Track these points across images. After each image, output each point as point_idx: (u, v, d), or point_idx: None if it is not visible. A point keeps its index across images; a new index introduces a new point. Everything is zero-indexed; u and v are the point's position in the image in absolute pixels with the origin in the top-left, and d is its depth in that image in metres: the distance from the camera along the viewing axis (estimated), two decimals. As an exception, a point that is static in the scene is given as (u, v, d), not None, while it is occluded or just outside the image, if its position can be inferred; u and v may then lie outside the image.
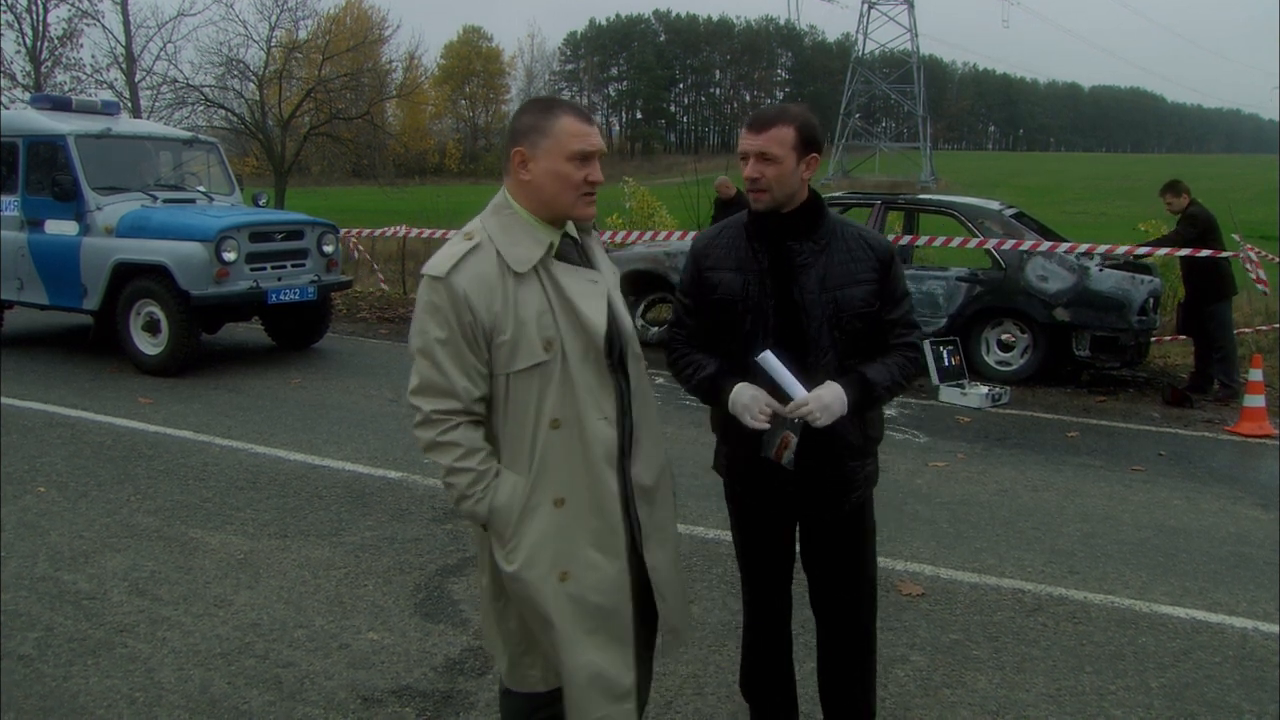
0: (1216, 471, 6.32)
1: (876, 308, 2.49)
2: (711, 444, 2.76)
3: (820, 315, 2.45)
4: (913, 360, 2.55)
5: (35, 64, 23.34)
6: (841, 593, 2.68)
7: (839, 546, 2.65)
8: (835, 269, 2.47)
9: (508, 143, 2.15)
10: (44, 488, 5.31)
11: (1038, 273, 8.45)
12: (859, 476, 2.58)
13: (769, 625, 2.79)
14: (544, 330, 2.09)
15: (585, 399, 2.12)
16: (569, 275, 2.14)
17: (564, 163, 2.09)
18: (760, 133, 2.43)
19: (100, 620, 3.79)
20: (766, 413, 2.40)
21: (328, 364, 9.05)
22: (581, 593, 2.13)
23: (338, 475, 5.68)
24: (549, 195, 2.11)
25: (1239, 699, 3.40)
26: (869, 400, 2.47)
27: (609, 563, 2.15)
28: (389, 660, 3.53)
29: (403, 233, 13.01)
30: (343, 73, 27.36)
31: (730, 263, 2.53)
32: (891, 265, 2.52)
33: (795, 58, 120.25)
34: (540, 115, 2.12)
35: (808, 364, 2.43)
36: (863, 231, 2.55)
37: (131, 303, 8.31)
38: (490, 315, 2.07)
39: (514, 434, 2.13)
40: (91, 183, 8.56)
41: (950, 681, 3.47)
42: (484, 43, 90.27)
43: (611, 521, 2.15)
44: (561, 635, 2.13)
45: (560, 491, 2.13)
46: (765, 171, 2.42)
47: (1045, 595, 4.24)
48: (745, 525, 2.73)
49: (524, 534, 2.12)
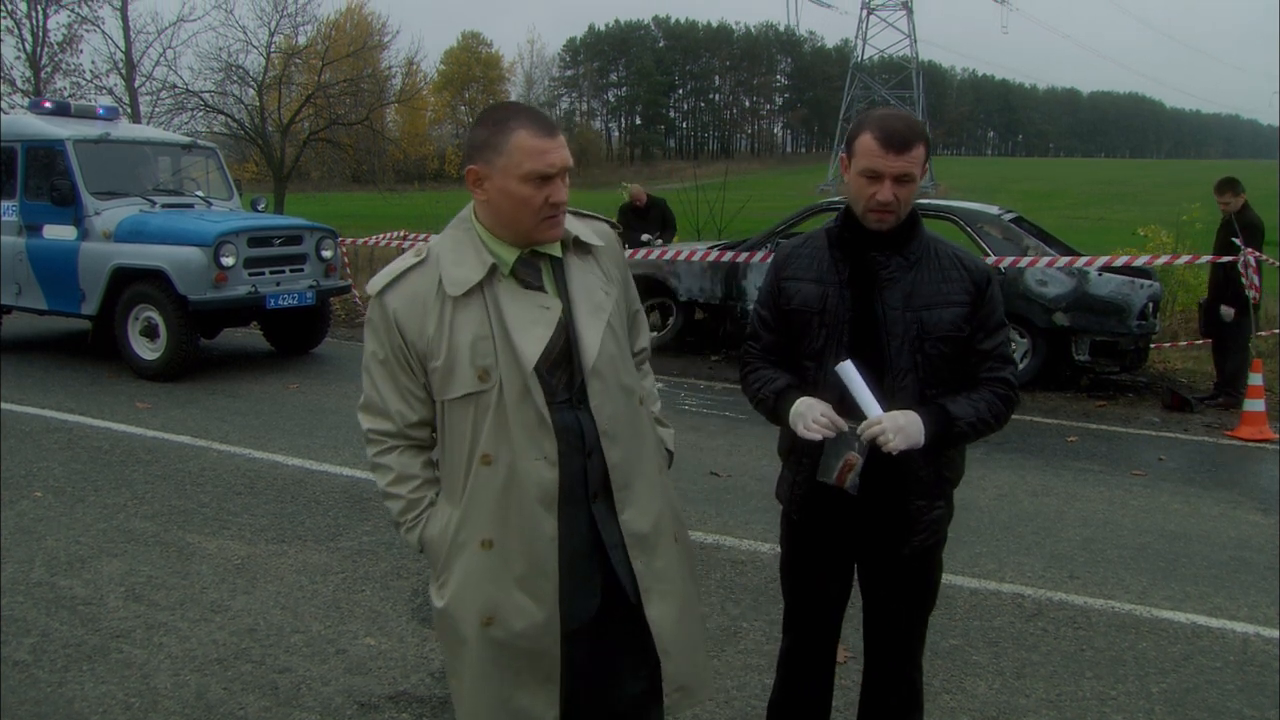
0: (1217, 476, 6.31)
1: (966, 334, 2.28)
2: (706, 447, 2.74)
3: (902, 334, 2.25)
4: (1004, 399, 2.31)
5: (35, 69, 23.38)
6: (891, 642, 2.50)
7: (896, 593, 2.45)
8: (923, 287, 2.27)
9: (464, 159, 1.98)
10: (41, 493, 5.29)
11: (1037, 277, 8.44)
12: (924, 519, 2.34)
13: (810, 662, 2.60)
14: (480, 358, 1.92)
15: (520, 436, 1.94)
16: (515, 300, 1.96)
17: (519, 184, 1.88)
18: (904, 153, 2.20)
19: (96, 626, 3.77)
20: (821, 423, 2.20)
21: (326, 369, 9.03)
22: (507, 639, 2.00)
23: (335, 480, 5.66)
24: (507, 217, 1.93)
25: (1240, 704, 3.39)
26: (948, 436, 2.25)
27: (538, 608, 1.99)
28: (386, 666, 3.51)
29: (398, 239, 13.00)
30: (342, 78, 27.44)
31: (811, 273, 2.36)
32: (988, 290, 2.30)
33: (794, 63, 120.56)
34: (494, 129, 1.91)
35: (885, 386, 2.24)
36: (959, 252, 2.34)
37: (130, 307, 8.30)
38: (422, 339, 1.94)
39: (449, 465, 2.02)
40: (90, 188, 8.56)
41: (950, 687, 3.45)
42: (483, 48, 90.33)
43: (544, 566, 1.98)
44: (476, 681, 2.03)
45: (488, 532, 1.98)
46: (900, 194, 2.21)
47: (1045, 600, 4.22)
48: (799, 557, 2.54)
49: (453, 570, 2.02)
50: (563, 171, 1.93)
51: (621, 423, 2.04)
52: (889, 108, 2.61)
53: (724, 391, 8.32)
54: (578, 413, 2.00)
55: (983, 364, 2.31)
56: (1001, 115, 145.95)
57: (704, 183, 16.00)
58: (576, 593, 2.04)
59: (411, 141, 47.83)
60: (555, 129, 1.94)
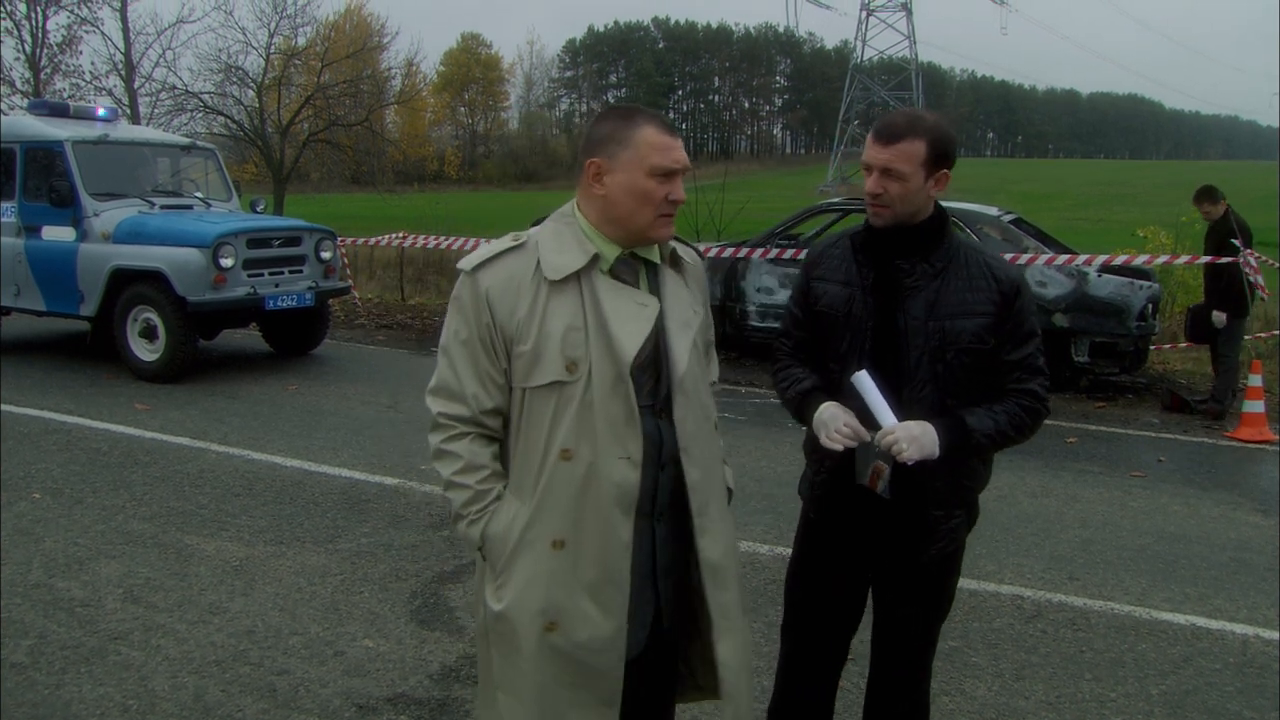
0: (1216, 477, 6.30)
1: (991, 345, 2.24)
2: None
3: (922, 344, 2.23)
4: (1029, 410, 2.28)
5: (34, 71, 23.35)
6: (903, 649, 2.47)
7: (910, 600, 2.42)
8: (948, 296, 2.23)
9: (581, 152, 1.98)
10: (39, 494, 5.29)
11: (1036, 278, 8.44)
12: (942, 528, 2.32)
13: (812, 670, 2.55)
14: (570, 348, 1.88)
15: (605, 433, 1.88)
16: (613, 293, 1.93)
17: (644, 178, 1.90)
18: (888, 145, 2.20)
19: (94, 628, 3.76)
20: (844, 433, 2.20)
21: (325, 370, 9.03)
22: (568, 648, 1.91)
23: (334, 481, 5.66)
24: (624, 212, 1.92)
25: (1239, 706, 3.38)
26: (965, 448, 2.23)
27: (605, 619, 1.91)
28: (384, 668, 3.51)
29: (398, 240, 13.00)
30: (342, 80, 27.38)
31: (839, 275, 2.34)
32: (1016, 299, 2.25)
33: (794, 65, 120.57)
34: (620, 124, 1.93)
35: (902, 396, 2.23)
36: (990, 259, 2.30)
37: (128, 309, 8.29)
38: (512, 321, 1.90)
39: (524, 459, 1.94)
40: (89, 189, 8.55)
41: (949, 689, 3.45)
42: (483, 50, 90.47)
43: (616, 575, 1.91)
44: (533, 691, 1.93)
45: (560, 532, 1.90)
46: (888, 187, 2.21)
47: (1044, 602, 4.22)
48: (812, 558, 2.50)
49: (515, 570, 1.93)
50: (684, 170, 1.95)
51: (701, 442, 2.01)
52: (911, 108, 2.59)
53: (724, 393, 8.31)
54: (659, 421, 1.96)
55: (1010, 375, 2.28)
56: (1001, 116, 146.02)
57: (703, 184, 15.97)
58: (635, 617, 1.97)
59: (411, 143, 47.74)
60: (677, 130, 1.98)
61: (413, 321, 11.95)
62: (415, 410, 7.40)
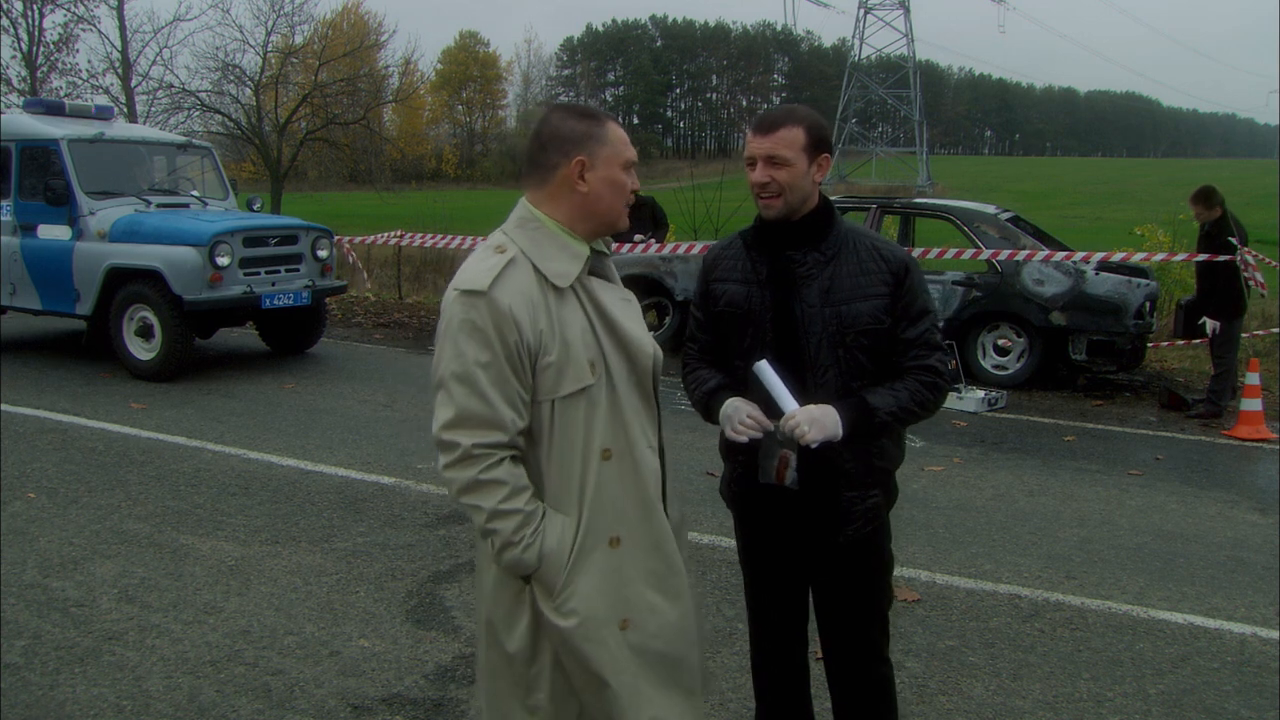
0: (1214, 476, 6.30)
1: (887, 325, 2.31)
2: (701, 447, 2.73)
3: (820, 330, 2.30)
4: (930, 385, 2.34)
5: (31, 69, 23.32)
6: (845, 635, 2.50)
7: (839, 583, 2.46)
8: (842, 281, 2.31)
9: (557, 152, 1.97)
10: (34, 493, 5.27)
11: (1034, 276, 8.44)
12: (857, 509, 2.36)
13: (778, 670, 2.61)
14: (588, 351, 1.92)
15: (634, 425, 1.96)
16: (605, 292, 2.00)
17: (620, 171, 2.00)
18: (768, 134, 2.29)
19: (88, 628, 3.75)
20: (748, 424, 2.27)
21: (322, 369, 9.01)
22: (644, 641, 1.94)
23: (330, 481, 5.64)
24: (605, 206, 2.00)
25: (1237, 705, 3.38)
26: (869, 426, 2.28)
27: (670, 606, 1.97)
28: (380, 668, 3.49)
29: (395, 239, 12.99)
30: (339, 78, 27.34)
31: (736, 274, 2.42)
32: (906, 279, 2.33)
33: (792, 63, 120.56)
34: (591, 123, 1.99)
35: (806, 383, 2.30)
36: (878, 242, 2.38)
37: (124, 308, 8.27)
38: (535, 334, 1.87)
39: (561, 468, 1.92)
40: (85, 187, 8.52)
41: (946, 688, 3.44)
42: (481, 48, 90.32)
43: (670, 561, 1.98)
44: (621, 696, 1.91)
45: (615, 529, 1.93)
46: (776, 175, 2.28)
47: (1042, 601, 4.21)
48: (750, 557, 2.58)
49: (578, 581, 1.91)
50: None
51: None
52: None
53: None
54: (656, 403, 2.07)
55: (907, 353, 2.34)
56: (999, 114, 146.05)
57: (700, 182, 15.96)
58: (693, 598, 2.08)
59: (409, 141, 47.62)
60: None
61: (410, 320, 11.93)
62: (412, 409, 7.39)
